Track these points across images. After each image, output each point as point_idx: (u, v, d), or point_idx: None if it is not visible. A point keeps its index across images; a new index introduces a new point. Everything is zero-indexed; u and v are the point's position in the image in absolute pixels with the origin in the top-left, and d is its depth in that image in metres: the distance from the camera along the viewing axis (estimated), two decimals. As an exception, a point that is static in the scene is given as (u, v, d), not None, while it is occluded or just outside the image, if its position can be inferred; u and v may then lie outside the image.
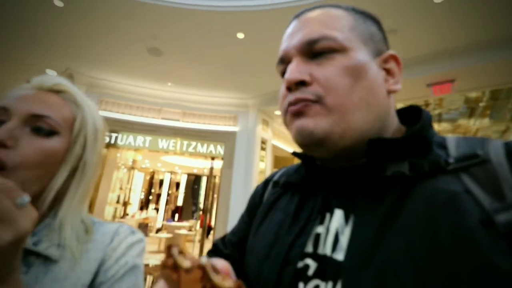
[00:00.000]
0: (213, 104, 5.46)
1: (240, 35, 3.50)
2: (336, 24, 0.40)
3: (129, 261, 0.52)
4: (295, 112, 0.38)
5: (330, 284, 0.34)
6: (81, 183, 0.52)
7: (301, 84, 0.38)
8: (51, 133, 0.47)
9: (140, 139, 5.35)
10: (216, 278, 0.23)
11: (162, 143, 5.41)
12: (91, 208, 5.05)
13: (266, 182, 0.55)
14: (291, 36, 0.42)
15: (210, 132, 5.45)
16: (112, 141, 5.22)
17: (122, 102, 5.27)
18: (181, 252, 0.24)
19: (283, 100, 0.41)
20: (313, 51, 0.39)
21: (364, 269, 0.30)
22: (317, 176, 0.43)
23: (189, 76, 4.70)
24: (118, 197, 8.30)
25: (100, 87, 5.09)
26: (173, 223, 8.58)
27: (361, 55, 0.39)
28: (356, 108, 0.37)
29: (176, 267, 0.23)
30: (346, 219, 0.37)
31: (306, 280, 0.36)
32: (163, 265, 0.23)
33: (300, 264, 0.37)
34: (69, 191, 0.50)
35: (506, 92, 4.04)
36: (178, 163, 9.41)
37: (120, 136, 5.26)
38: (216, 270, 0.24)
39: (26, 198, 0.35)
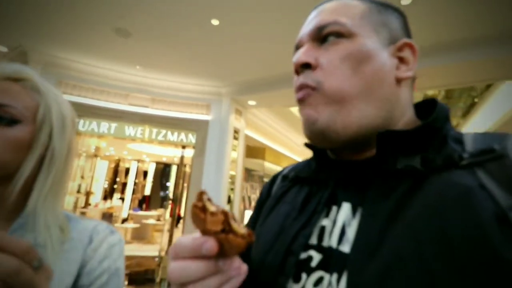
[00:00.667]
0: (185, 91, 5.29)
1: (215, 22, 3.40)
2: (347, 12, 0.40)
3: (112, 265, 0.53)
4: (298, 99, 0.40)
5: (334, 275, 0.33)
6: (50, 173, 0.51)
7: (306, 67, 0.39)
8: (12, 121, 0.47)
9: (104, 126, 5.04)
10: (234, 224, 0.28)
11: (129, 130, 5.15)
12: (49, 198, 4.70)
13: (274, 177, 0.56)
14: (306, 24, 0.43)
15: (182, 120, 5.29)
16: (77, 128, 4.85)
17: (84, 85, 4.88)
18: (209, 199, 0.29)
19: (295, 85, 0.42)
20: (322, 36, 0.40)
21: (370, 261, 0.30)
22: (327, 169, 0.43)
23: (160, 60, 4.48)
24: (79, 186, 7.81)
25: (59, 67, 4.66)
26: (140, 212, 8.33)
27: (369, 42, 0.39)
28: (357, 94, 0.37)
29: (204, 209, 0.27)
30: (354, 212, 0.37)
31: (309, 271, 0.36)
32: (194, 206, 0.28)
33: (303, 255, 0.37)
34: (38, 181, 0.49)
35: (459, 91, 4.47)
36: (146, 151, 9.04)
37: (82, 121, 4.91)
38: (234, 218, 0.28)
39: (39, 258, 0.35)
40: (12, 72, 0.49)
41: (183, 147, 5.69)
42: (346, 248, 0.34)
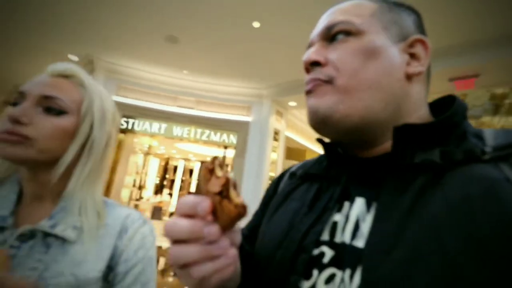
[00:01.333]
0: (227, 93, 5.48)
1: (256, 24, 3.46)
2: (357, 11, 0.41)
3: (146, 254, 0.56)
4: (306, 91, 0.41)
5: (348, 271, 0.33)
6: (89, 160, 0.55)
7: (316, 65, 0.41)
8: (60, 112, 0.52)
9: (155, 126, 5.49)
10: (232, 191, 0.28)
11: (177, 130, 5.53)
12: (108, 189, 5.29)
13: (282, 174, 0.56)
14: (318, 25, 0.45)
15: (224, 121, 5.49)
16: (129, 127, 5.39)
17: (139, 89, 5.39)
18: (220, 165, 0.30)
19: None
20: (331, 35, 0.41)
21: (387, 256, 0.29)
22: (338, 165, 0.43)
23: (204, 64, 4.72)
24: (134, 180, 8.61)
25: (119, 73, 5.22)
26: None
27: (377, 39, 0.39)
28: (365, 87, 0.38)
29: (212, 171, 0.29)
30: (368, 207, 0.36)
31: (321, 267, 0.35)
32: (205, 167, 0.30)
33: (315, 252, 0.36)
34: (77, 166, 0.54)
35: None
36: (192, 150, 9.59)
37: (137, 122, 5.42)
38: (235, 187, 0.29)
39: None
40: (63, 70, 0.55)
41: (225, 147, 5.90)
42: (360, 243, 0.33)
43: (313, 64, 0.41)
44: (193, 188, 12.11)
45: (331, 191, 0.40)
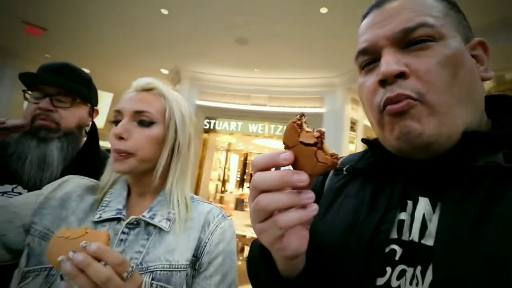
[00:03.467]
0: (298, 86, 5.44)
1: (324, 10, 3.32)
2: (430, 11, 0.37)
3: (226, 247, 0.61)
4: (398, 111, 0.36)
5: (418, 268, 0.34)
6: (179, 161, 0.63)
7: (398, 76, 0.36)
8: (151, 123, 0.59)
9: (233, 124, 5.92)
10: (325, 143, 0.29)
11: (252, 127, 5.83)
12: (198, 184, 6.01)
13: None
14: (377, 26, 0.39)
15: (296, 114, 5.44)
16: (212, 127, 5.98)
17: (217, 92, 5.91)
18: (305, 122, 0.31)
19: (373, 96, 0.39)
20: (409, 40, 0.37)
21: (461, 256, 0.30)
22: (389, 164, 0.42)
23: (274, 61, 4.81)
24: (218, 175, 9.49)
25: (200, 79, 5.84)
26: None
27: (456, 42, 0.37)
28: (459, 102, 0.35)
29: (301, 126, 0.30)
30: (433, 207, 0.36)
31: (394, 265, 0.36)
32: (293, 122, 0.30)
33: (387, 250, 0.37)
34: (171, 168, 0.62)
35: None
36: (268, 145, 9.90)
37: (217, 122, 5.97)
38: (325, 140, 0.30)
39: (130, 271, 0.41)
40: (145, 84, 0.62)
41: (300, 141, 5.87)
42: (429, 242, 0.34)
43: (397, 76, 0.36)
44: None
45: (389, 190, 0.40)
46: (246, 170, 13.06)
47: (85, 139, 0.84)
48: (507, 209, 0.30)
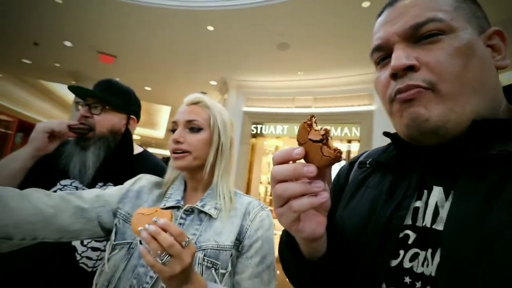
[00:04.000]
0: (344, 84, 5.28)
1: (365, 4, 3.22)
2: (439, 6, 0.39)
3: (264, 234, 0.70)
4: (406, 99, 0.38)
5: (429, 251, 0.36)
6: (223, 160, 0.76)
7: (408, 69, 0.38)
8: (199, 129, 0.73)
9: (279, 128, 6.01)
10: (330, 140, 0.35)
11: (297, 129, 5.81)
12: (248, 186, 6.23)
13: (350, 164, 0.59)
14: (390, 23, 0.42)
15: (343, 114, 5.31)
16: (259, 131, 6.16)
17: (262, 97, 6.09)
18: (315, 122, 0.36)
19: (385, 89, 0.42)
20: (419, 35, 0.39)
21: (466, 238, 0.32)
22: (408, 155, 0.44)
23: (317, 61, 4.78)
24: (268, 178, 9.62)
25: (246, 87, 6.10)
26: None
27: (467, 34, 0.38)
28: (471, 90, 0.36)
29: (310, 126, 0.36)
30: (446, 195, 0.38)
31: (407, 248, 0.38)
32: (304, 122, 0.36)
33: (401, 235, 0.40)
34: (216, 165, 0.75)
35: None
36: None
37: (264, 126, 6.13)
38: (331, 138, 0.35)
39: (187, 241, 0.50)
40: (193, 99, 0.76)
41: (349, 141, 5.67)
42: (440, 227, 0.36)
43: (406, 69, 0.38)
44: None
45: (407, 180, 0.42)
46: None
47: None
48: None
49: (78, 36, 4.75)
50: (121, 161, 0.95)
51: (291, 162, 0.36)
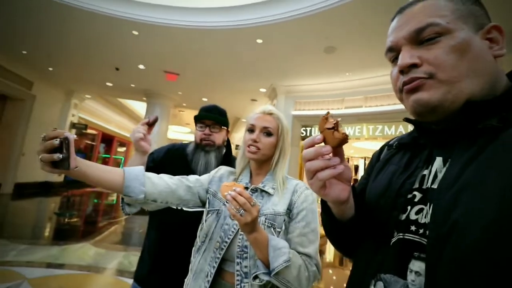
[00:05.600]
0: (396, 82, 5.08)
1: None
2: (439, 12, 0.46)
3: (308, 206, 0.91)
4: (410, 89, 0.46)
5: (428, 205, 0.44)
6: (283, 158, 1.03)
7: (412, 67, 0.46)
8: (271, 134, 0.97)
9: (329, 129, 6.01)
10: (340, 127, 0.47)
11: (348, 130, 5.76)
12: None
13: (382, 147, 0.69)
14: (399, 28, 0.49)
15: (396, 112, 5.10)
16: (308, 134, 6.28)
17: (310, 100, 6.22)
18: (331, 116, 0.49)
19: (396, 82, 0.50)
20: (421, 38, 0.46)
21: (447, 192, 0.39)
22: (423, 134, 0.53)
23: (365, 61, 4.75)
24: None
25: (294, 92, 6.31)
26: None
27: (463, 33, 0.44)
28: (465, 76, 0.43)
29: (327, 119, 0.49)
30: (445, 163, 0.46)
31: (413, 204, 0.47)
32: (323, 116, 0.49)
33: (409, 196, 0.48)
34: (278, 161, 1.03)
35: None
36: (371, 148, 9.31)
37: (313, 129, 6.22)
38: (341, 126, 0.48)
39: (254, 201, 0.72)
40: (268, 110, 0.99)
41: (405, 139, 5.40)
42: (436, 186, 0.44)
43: (410, 66, 0.46)
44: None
45: (420, 156, 0.52)
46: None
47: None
48: (485, 156, 0.38)
49: (149, 60, 5.61)
50: (227, 161, 1.33)
51: (316, 146, 0.48)
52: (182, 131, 15.83)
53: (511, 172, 0.34)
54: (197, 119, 1.33)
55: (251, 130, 1.02)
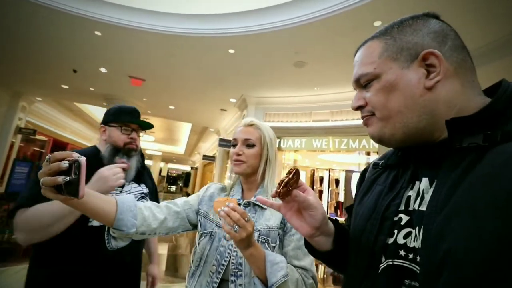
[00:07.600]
0: (360, 98, 5.38)
1: (377, 23, 3.42)
2: (369, 59, 0.52)
3: None
4: (364, 124, 0.56)
5: (417, 228, 0.43)
6: (270, 167, 0.99)
7: (360, 107, 0.55)
8: (253, 145, 0.97)
9: (297, 141, 6.17)
10: (292, 182, 0.57)
11: (316, 142, 5.96)
12: (268, 200, 6.33)
13: (367, 166, 0.70)
14: (353, 75, 0.56)
15: (360, 126, 5.37)
16: (277, 145, 6.32)
17: (280, 112, 6.31)
18: (289, 172, 0.58)
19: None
20: (360, 84, 0.55)
21: (436, 215, 0.39)
22: (408, 154, 0.54)
23: (333, 77, 4.96)
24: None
25: (264, 103, 6.37)
26: (334, 218, 8.87)
27: (391, 73, 0.49)
28: (396, 112, 0.48)
29: (290, 173, 0.57)
30: (431, 183, 0.46)
31: (400, 228, 0.47)
32: (288, 170, 0.58)
33: (395, 218, 0.48)
34: (266, 172, 0.99)
35: None
36: (335, 160, 9.71)
37: (282, 140, 6.32)
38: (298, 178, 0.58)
39: (249, 217, 0.71)
40: (248, 122, 1.01)
41: (367, 153, 5.72)
42: (424, 208, 0.44)
43: (358, 107, 0.55)
44: (341, 198, 12.00)
45: (405, 175, 0.52)
46: (314, 187, 12.84)
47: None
48: (473, 178, 0.38)
49: (111, 63, 5.26)
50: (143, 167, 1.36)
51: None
52: (146, 140, 15.04)
53: (504, 194, 0.33)
54: (121, 122, 1.25)
55: (234, 145, 0.98)
